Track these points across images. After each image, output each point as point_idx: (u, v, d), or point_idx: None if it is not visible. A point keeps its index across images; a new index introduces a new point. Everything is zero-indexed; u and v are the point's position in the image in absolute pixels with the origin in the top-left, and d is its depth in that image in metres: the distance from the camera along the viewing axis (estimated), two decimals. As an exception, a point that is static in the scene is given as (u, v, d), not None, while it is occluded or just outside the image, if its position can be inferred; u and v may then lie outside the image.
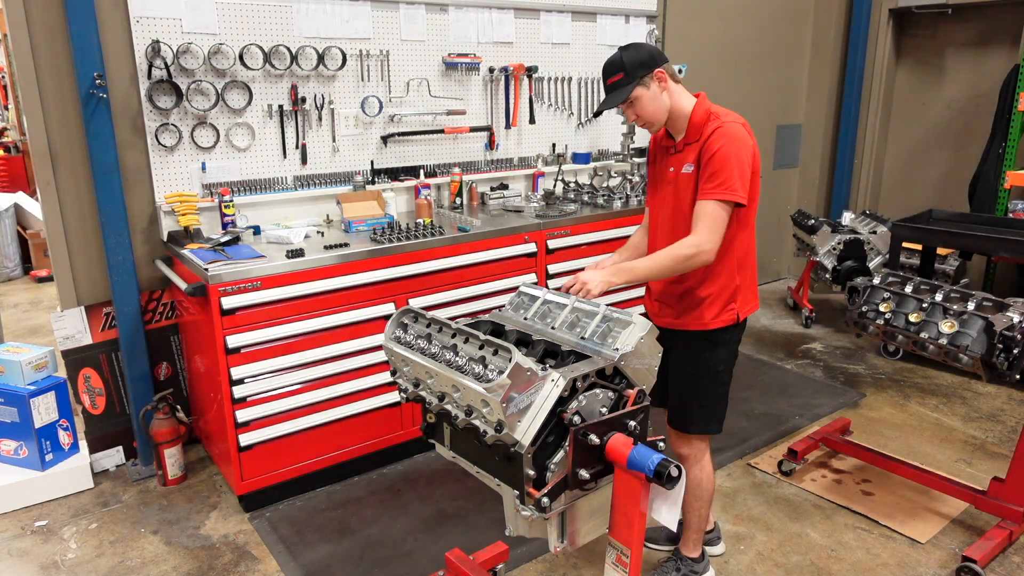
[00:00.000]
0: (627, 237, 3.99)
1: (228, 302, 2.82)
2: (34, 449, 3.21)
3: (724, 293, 2.33)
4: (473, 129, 4.12)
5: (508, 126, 4.27)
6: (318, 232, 3.41)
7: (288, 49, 3.43)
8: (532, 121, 4.32)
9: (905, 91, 6.09)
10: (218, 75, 3.31)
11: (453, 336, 1.80)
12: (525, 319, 2.07)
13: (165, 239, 3.31)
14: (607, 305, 1.95)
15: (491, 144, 4.23)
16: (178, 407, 3.44)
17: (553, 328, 1.98)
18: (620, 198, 4.21)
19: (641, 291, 4.17)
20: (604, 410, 1.74)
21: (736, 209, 2.20)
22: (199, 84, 3.26)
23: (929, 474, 3.08)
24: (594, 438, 1.64)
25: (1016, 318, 2.60)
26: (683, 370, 2.44)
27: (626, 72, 2.24)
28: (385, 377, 3.24)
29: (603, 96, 2.33)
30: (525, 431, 1.60)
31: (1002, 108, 5.03)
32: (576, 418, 1.64)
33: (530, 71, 4.20)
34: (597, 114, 2.44)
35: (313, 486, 3.26)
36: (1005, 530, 2.76)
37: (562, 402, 1.66)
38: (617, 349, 1.79)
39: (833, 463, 3.44)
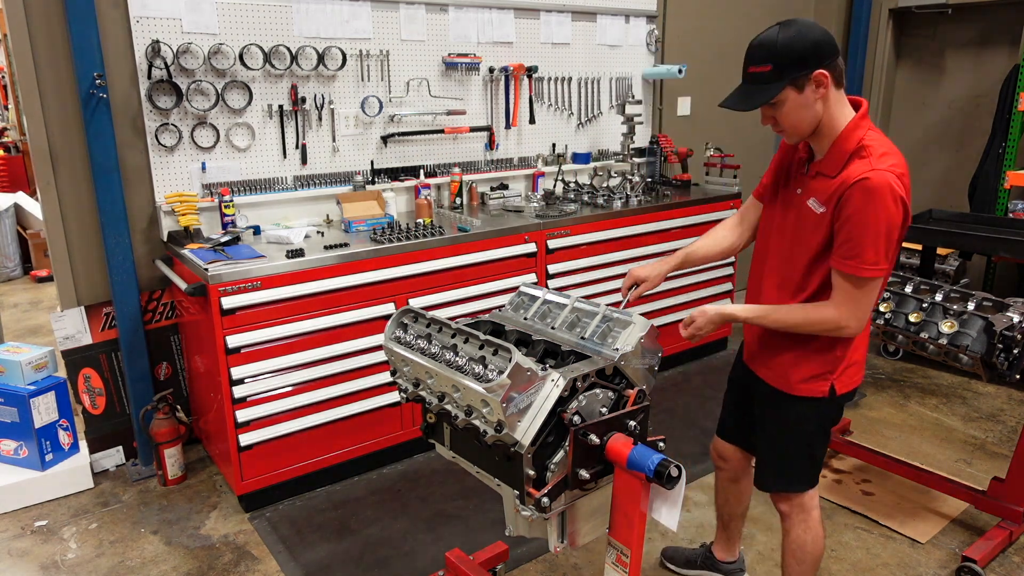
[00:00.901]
0: (627, 238, 4.03)
1: (228, 302, 2.82)
2: (34, 449, 3.21)
3: (818, 357, 1.96)
4: (473, 129, 4.11)
5: (508, 126, 4.27)
6: (318, 232, 3.41)
7: (288, 49, 3.43)
8: (532, 121, 4.32)
9: (905, 91, 6.09)
10: (218, 75, 3.31)
11: (453, 336, 1.80)
12: (525, 319, 2.07)
13: (165, 239, 3.31)
14: (607, 305, 1.95)
15: (491, 144, 4.23)
16: (178, 407, 3.44)
17: (553, 328, 1.98)
18: (620, 198, 4.21)
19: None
20: (604, 410, 1.74)
21: None
22: (199, 84, 3.26)
23: (929, 474, 3.08)
24: (594, 438, 1.64)
25: (1016, 318, 2.60)
26: (765, 424, 2.16)
27: (776, 65, 1.74)
28: (385, 377, 3.24)
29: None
30: (525, 431, 1.60)
31: (1002, 108, 5.03)
32: (576, 418, 1.64)
33: (530, 71, 4.19)
34: (725, 106, 1.98)
35: (313, 486, 3.26)
36: (1005, 530, 2.76)
37: (562, 402, 1.65)
38: (617, 349, 1.79)
39: (833, 463, 3.44)
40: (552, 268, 3.76)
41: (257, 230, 3.39)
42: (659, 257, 2.20)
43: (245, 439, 2.97)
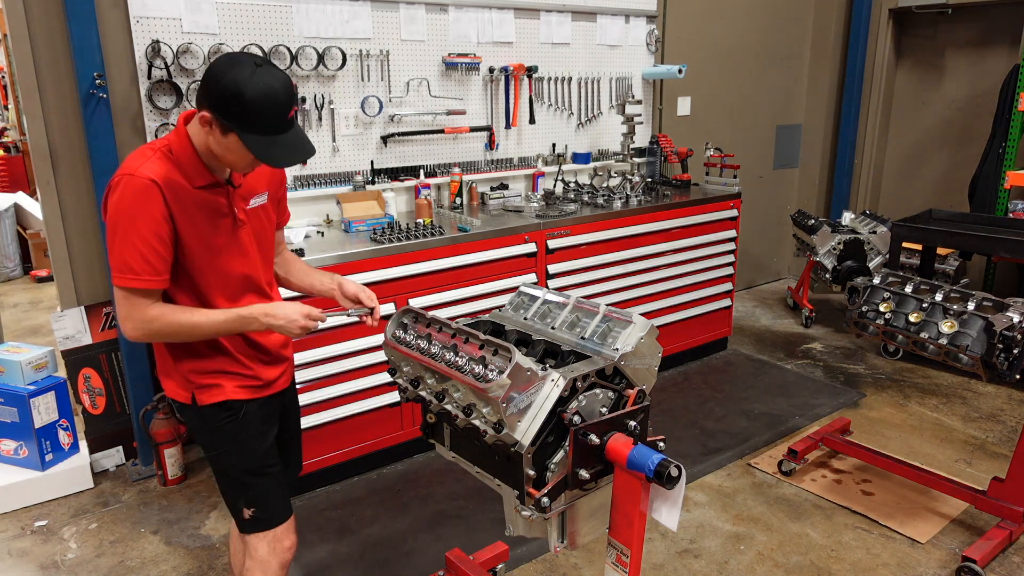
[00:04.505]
0: (627, 238, 4.04)
1: (228, 302, 2.82)
2: (34, 449, 3.21)
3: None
4: (473, 129, 4.11)
5: (508, 126, 4.26)
6: (318, 232, 3.40)
7: (288, 49, 3.42)
8: (532, 121, 4.32)
9: (905, 91, 6.09)
10: (218, 75, 3.31)
11: (453, 336, 1.80)
12: (525, 319, 2.07)
13: (165, 239, 3.30)
14: (607, 305, 1.95)
15: (491, 144, 4.23)
16: (178, 407, 3.44)
17: (553, 328, 1.98)
18: (620, 198, 4.21)
19: (641, 292, 4.20)
20: (604, 410, 1.74)
21: None
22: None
23: (929, 474, 3.08)
24: (594, 438, 1.64)
25: (1016, 318, 2.60)
26: None
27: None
28: (385, 377, 3.24)
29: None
30: (525, 431, 1.60)
31: (1002, 108, 5.03)
32: (576, 418, 1.64)
33: (530, 71, 4.19)
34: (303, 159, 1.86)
35: (313, 486, 3.26)
36: (1005, 530, 2.76)
37: (562, 402, 1.65)
38: (617, 349, 1.78)
39: (833, 463, 3.44)
40: (552, 268, 3.76)
41: (257, 230, 3.39)
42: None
43: (245, 439, 2.97)
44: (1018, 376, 2.63)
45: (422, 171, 3.92)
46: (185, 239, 1.78)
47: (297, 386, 3.05)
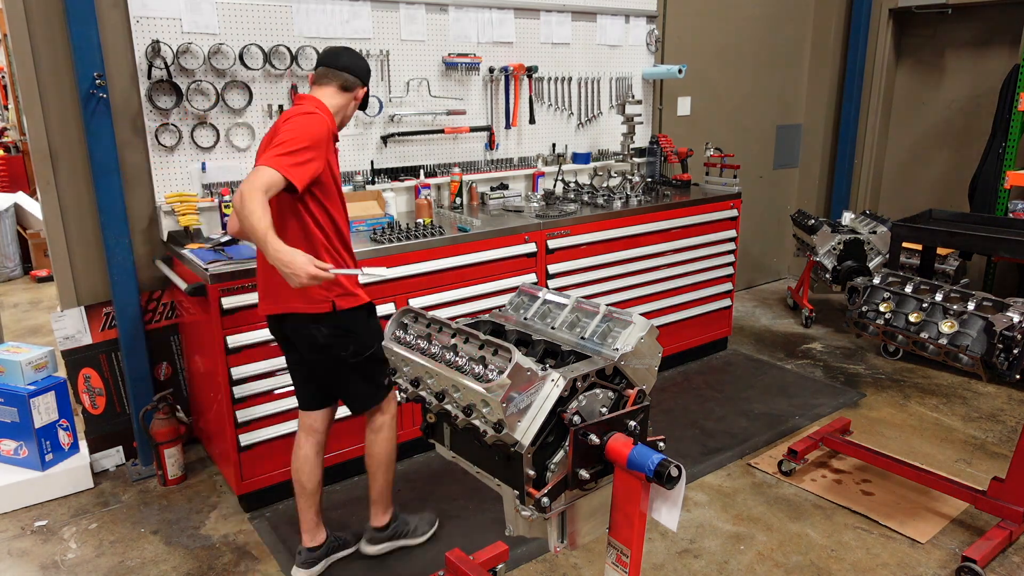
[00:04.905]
0: (627, 238, 4.04)
1: (228, 302, 2.82)
2: (34, 449, 3.21)
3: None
4: (473, 129, 4.11)
5: (508, 126, 4.27)
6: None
7: (288, 49, 3.43)
8: (532, 121, 4.32)
9: (905, 91, 6.09)
10: (218, 75, 3.31)
11: (453, 336, 1.80)
12: (525, 319, 2.07)
13: (165, 239, 3.31)
14: (607, 305, 1.95)
15: (491, 144, 4.23)
16: (178, 407, 3.44)
17: (553, 328, 1.98)
18: (620, 198, 4.21)
19: (641, 292, 4.20)
20: (604, 410, 1.74)
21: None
22: (199, 84, 3.26)
23: (929, 474, 3.08)
24: (594, 438, 1.64)
25: (1016, 318, 2.60)
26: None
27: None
28: (385, 377, 3.24)
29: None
30: (525, 431, 1.60)
31: (1002, 108, 5.03)
32: (576, 418, 1.64)
33: (530, 71, 4.19)
34: None
35: (313, 486, 3.26)
36: (1005, 530, 2.76)
37: (562, 402, 1.65)
38: (617, 349, 1.78)
39: (833, 463, 3.44)
40: (552, 268, 3.76)
41: (257, 230, 3.39)
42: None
43: (245, 439, 2.97)
44: (1018, 376, 2.63)
45: (422, 171, 3.92)
46: (334, 170, 2.36)
47: (297, 386, 3.05)
